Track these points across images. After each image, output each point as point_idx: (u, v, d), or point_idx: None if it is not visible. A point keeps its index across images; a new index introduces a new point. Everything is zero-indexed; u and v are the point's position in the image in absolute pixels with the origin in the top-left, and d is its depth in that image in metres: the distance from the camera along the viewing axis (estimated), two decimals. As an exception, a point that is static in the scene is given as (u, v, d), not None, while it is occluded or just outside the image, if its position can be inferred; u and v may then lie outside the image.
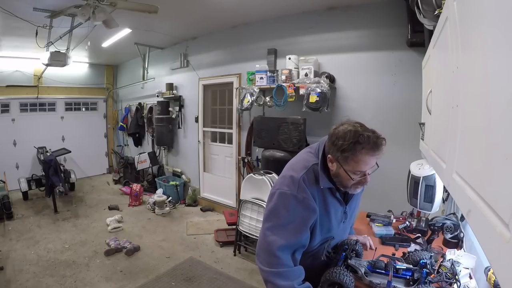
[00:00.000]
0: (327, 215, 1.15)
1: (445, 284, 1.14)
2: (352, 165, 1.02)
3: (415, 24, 2.38)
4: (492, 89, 0.51)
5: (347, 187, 1.10)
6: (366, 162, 1.02)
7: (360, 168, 1.03)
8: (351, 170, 1.03)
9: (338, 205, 1.18)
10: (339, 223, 1.23)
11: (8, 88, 5.50)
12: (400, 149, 2.81)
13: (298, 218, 1.07)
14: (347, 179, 1.06)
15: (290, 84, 3.13)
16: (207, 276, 2.80)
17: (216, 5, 3.25)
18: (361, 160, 1.01)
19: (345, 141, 1.01)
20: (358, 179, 1.05)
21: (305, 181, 1.07)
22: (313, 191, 1.07)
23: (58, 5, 2.97)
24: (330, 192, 1.13)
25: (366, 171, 1.04)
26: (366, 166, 1.03)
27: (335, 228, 1.22)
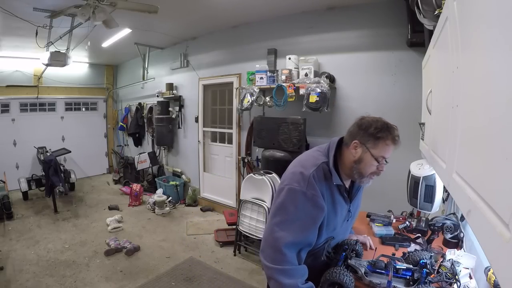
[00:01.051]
0: (334, 212, 1.16)
1: (445, 284, 1.14)
2: (380, 149, 1.09)
3: (415, 24, 2.38)
4: (492, 89, 0.51)
5: (363, 176, 1.12)
6: (390, 149, 1.11)
7: (385, 153, 1.10)
8: (378, 154, 1.09)
9: (343, 203, 1.20)
10: (343, 222, 1.24)
11: (8, 88, 5.50)
12: (400, 149, 2.78)
13: (306, 216, 1.07)
14: (370, 164, 1.10)
15: (290, 84, 3.13)
16: (207, 276, 2.80)
17: (216, 5, 3.25)
18: (388, 146, 1.09)
19: (378, 127, 1.09)
20: (379, 165, 1.11)
21: (315, 178, 1.08)
22: (322, 188, 1.09)
23: (58, 5, 2.97)
24: (338, 190, 1.15)
25: (386, 158, 1.11)
26: (388, 153, 1.11)
27: (339, 226, 1.23)
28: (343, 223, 1.25)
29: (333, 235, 1.24)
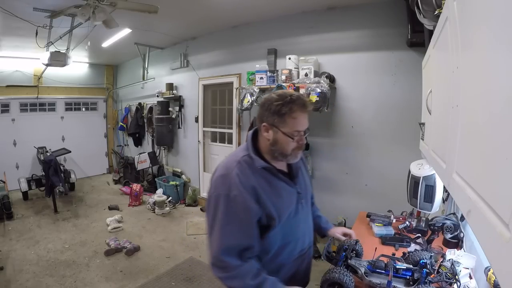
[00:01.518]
0: (280, 199, 1.08)
1: (445, 284, 1.14)
2: (290, 124, 1.04)
3: (415, 24, 2.38)
4: (492, 89, 0.51)
5: (287, 155, 1.07)
6: (302, 119, 1.05)
7: (297, 126, 1.04)
8: (290, 131, 1.04)
9: (287, 187, 1.12)
10: (297, 205, 1.15)
11: (8, 88, 5.50)
12: (400, 149, 2.81)
13: (235, 219, 1.01)
14: (286, 142, 1.05)
15: (290, 84, 3.12)
16: (207, 276, 2.80)
17: (216, 5, 3.25)
18: (298, 117, 1.04)
19: (280, 102, 1.03)
20: (296, 140, 1.06)
21: (239, 175, 1.02)
22: (251, 181, 1.03)
23: (58, 5, 2.97)
24: (273, 174, 1.08)
25: (302, 131, 1.06)
26: (302, 125, 1.06)
27: (295, 209, 1.14)
28: (299, 207, 1.16)
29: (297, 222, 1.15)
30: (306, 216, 1.23)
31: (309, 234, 1.26)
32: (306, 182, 1.26)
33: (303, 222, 1.21)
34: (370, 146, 3.06)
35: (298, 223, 1.17)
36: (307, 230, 1.25)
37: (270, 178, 1.08)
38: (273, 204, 1.05)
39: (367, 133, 3.06)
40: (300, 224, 1.19)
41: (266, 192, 1.04)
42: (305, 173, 1.29)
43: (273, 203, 1.05)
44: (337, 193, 3.24)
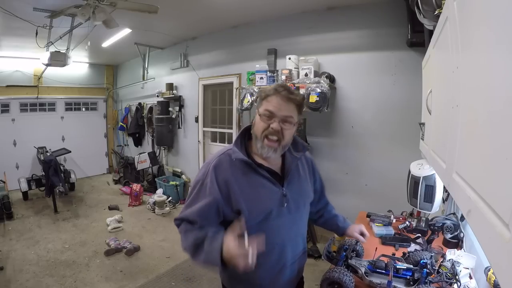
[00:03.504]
0: (255, 192, 1.06)
1: (445, 284, 1.14)
2: (264, 105, 1.06)
3: (415, 24, 2.38)
4: (492, 89, 0.51)
5: (258, 139, 1.07)
6: (276, 103, 1.04)
7: (268, 106, 1.04)
8: (261, 110, 1.06)
9: (269, 185, 1.08)
10: (279, 207, 1.08)
11: (8, 88, 5.50)
12: (400, 149, 2.81)
13: (200, 198, 1.05)
14: (258, 122, 1.07)
15: (290, 84, 3.12)
16: (207, 276, 2.80)
17: (216, 5, 3.25)
18: (272, 100, 1.05)
19: (266, 89, 1.09)
20: (265, 120, 1.04)
21: (215, 168, 1.06)
22: (225, 173, 1.05)
23: (58, 5, 2.97)
24: (251, 169, 1.07)
25: (274, 112, 1.03)
26: (273, 107, 1.04)
27: (276, 211, 1.08)
28: (281, 209, 1.09)
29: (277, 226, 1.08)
30: (291, 223, 1.12)
31: (292, 246, 1.14)
32: (302, 188, 1.18)
33: (286, 229, 1.11)
34: (370, 146, 3.06)
35: (279, 228, 1.09)
36: (291, 241, 1.14)
37: (247, 172, 1.06)
38: (246, 197, 1.04)
39: (367, 133, 3.06)
40: (282, 230, 1.10)
41: (239, 185, 1.04)
42: (307, 180, 1.22)
43: (245, 196, 1.04)
44: (337, 193, 3.24)
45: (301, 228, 1.20)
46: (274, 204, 1.08)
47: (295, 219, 1.15)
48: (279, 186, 1.10)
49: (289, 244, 1.13)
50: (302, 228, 1.21)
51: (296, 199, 1.13)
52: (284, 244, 1.12)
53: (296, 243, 1.18)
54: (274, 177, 1.10)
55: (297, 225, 1.16)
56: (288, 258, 1.13)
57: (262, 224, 1.05)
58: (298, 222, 1.17)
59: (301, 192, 1.17)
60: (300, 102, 1.09)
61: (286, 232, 1.11)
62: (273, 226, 1.08)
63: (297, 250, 1.19)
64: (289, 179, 1.13)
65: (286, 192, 1.10)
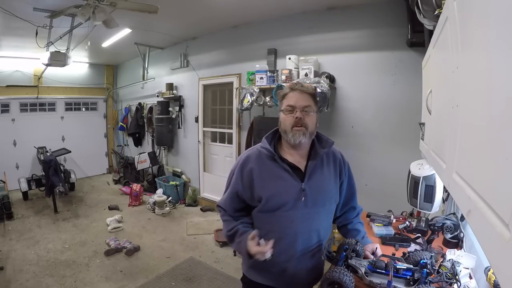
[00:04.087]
0: (274, 182, 1.18)
1: (445, 284, 1.14)
2: (284, 103, 1.21)
3: (415, 24, 2.38)
4: (492, 89, 0.51)
5: (287, 133, 1.18)
6: (293, 97, 1.19)
7: (288, 102, 1.19)
8: (283, 108, 1.20)
9: (289, 178, 1.18)
10: (296, 200, 1.17)
11: (8, 88, 5.50)
12: (400, 149, 2.81)
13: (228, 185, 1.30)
14: (283, 119, 1.19)
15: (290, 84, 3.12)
16: (207, 276, 2.80)
17: (216, 5, 3.25)
18: (289, 95, 1.20)
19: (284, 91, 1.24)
20: (290, 116, 1.17)
21: (245, 161, 1.24)
22: (252, 164, 1.22)
23: (58, 5, 2.97)
24: (274, 162, 1.20)
25: (295, 105, 1.17)
26: (293, 101, 1.18)
27: (291, 203, 1.17)
28: (297, 203, 1.17)
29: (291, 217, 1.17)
30: (306, 217, 1.19)
31: (304, 239, 1.21)
32: (323, 186, 1.23)
33: (300, 222, 1.18)
34: (370, 146, 3.06)
35: (292, 219, 1.18)
36: (303, 234, 1.20)
37: (271, 164, 1.20)
38: (265, 187, 1.18)
39: (367, 133, 3.06)
40: (295, 222, 1.17)
41: (261, 174, 1.19)
42: (331, 179, 1.26)
43: (264, 184, 1.18)
44: (337, 193, 3.24)
45: (317, 225, 1.24)
46: (291, 197, 1.17)
47: (311, 214, 1.20)
48: (298, 181, 1.18)
49: (301, 236, 1.20)
50: (318, 225, 1.24)
51: (315, 195, 1.19)
52: (296, 236, 1.19)
53: (309, 237, 1.22)
54: (296, 172, 1.19)
55: (312, 220, 1.21)
56: (297, 249, 1.20)
57: (277, 213, 1.18)
58: (314, 218, 1.22)
59: (321, 189, 1.22)
60: (313, 92, 1.23)
61: (299, 224, 1.18)
62: (287, 216, 1.17)
63: (309, 244, 1.23)
64: (310, 175, 1.20)
65: (305, 187, 1.17)
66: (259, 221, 1.23)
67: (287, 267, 1.22)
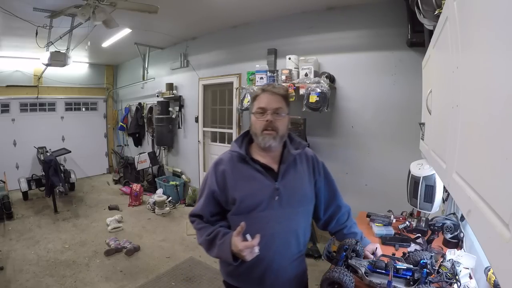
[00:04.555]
0: (247, 183, 1.17)
1: (445, 284, 1.14)
2: (255, 105, 1.19)
3: (415, 24, 2.38)
4: (492, 89, 0.51)
5: (258, 135, 1.17)
6: (264, 99, 1.17)
7: (259, 104, 1.17)
8: (254, 110, 1.19)
9: (262, 178, 1.17)
10: (270, 199, 1.15)
11: (8, 88, 5.50)
12: (400, 149, 2.81)
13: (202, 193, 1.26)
14: (254, 122, 1.19)
15: (290, 84, 3.12)
16: (207, 276, 2.80)
17: (216, 5, 3.25)
18: (260, 97, 1.19)
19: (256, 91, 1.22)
20: (261, 119, 1.16)
21: (217, 163, 1.23)
22: (225, 166, 1.21)
23: (58, 5, 2.97)
24: (246, 163, 1.19)
25: (266, 107, 1.15)
26: (263, 103, 1.16)
27: (266, 203, 1.14)
28: (274, 204, 1.15)
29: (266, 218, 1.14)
30: (282, 217, 1.16)
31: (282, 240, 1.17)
32: (297, 185, 1.20)
33: (276, 222, 1.15)
34: (370, 146, 3.06)
35: (268, 220, 1.14)
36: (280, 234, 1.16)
37: (242, 166, 1.19)
38: (238, 188, 1.17)
39: (367, 133, 3.06)
40: (270, 222, 1.15)
41: (234, 176, 1.18)
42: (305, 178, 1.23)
43: (237, 185, 1.17)
44: (337, 193, 3.24)
45: (294, 225, 1.20)
46: (265, 196, 1.15)
47: (287, 215, 1.18)
48: (271, 180, 1.17)
49: (278, 237, 1.17)
50: (296, 226, 1.21)
51: (289, 194, 1.18)
52: (273, 237, 1.16)
53: (286, 238, 1.19)
54: (269, 172, 1.18)
55: (289, 220, 1.18)
56: (276, 251, 1.16)
57: (252, 214, 1.15)
58: (291, 218, 1.19)
59: (295, 189, 1.20)
60: (285, 94, 1.21)
61: (275, 225, 1.16)
62: (262, 217, 1.15)
63: (288, 246, 1.20)
64: (283, 175, 1.19)
65: (279, 186, 1.16)
66: (235, 224, 1.14)
67: (267, 271, 1.17)
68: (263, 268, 1.17)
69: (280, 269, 1.19)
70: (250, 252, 1.04)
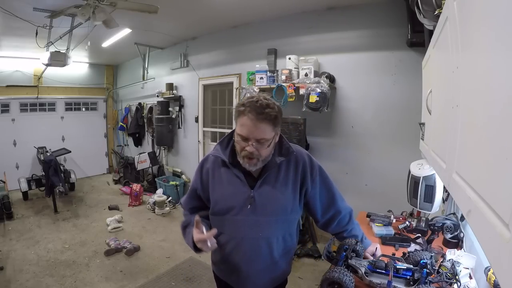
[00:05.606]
0: (223, 186, 1.18)
1: (445, 284, 1.14)
2: (237, 128, 1.08)
3: (415, 24, 2.38)
4: (492, 89, 0.51)
5: (240, 158, 1.12)
6: (246, 125, 1.04)
7: (241, 130, 1.06)
8: (237, 132, 1.08)
9: (238, 183, 1.15)
10: (242, 207, 1.14)
11: (8, 88, 5.50)
12: (400, 149, 2.81)
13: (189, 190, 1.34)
14: (236, 142, 1.11)
15: (290, 84, 3.13)
16: (207, 276, 2.80)
17: (216, 5, 3.25)
18: (242, 122, 1.05)
19: (240, 103, 1.08)
20: (241, 143, 1.07)
21: (204, 160, 1.26)
22: (209, 165, 1.22)
23: (58, 5, 2.97)
24: (226, 166, 1.18)
25: (247, 137, 1.05)
26: (245, 130, 1.04)
27: (238, 208, 1.15)
28: (246, 210, 1.14)
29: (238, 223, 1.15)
30: (253, 224, 1.14)
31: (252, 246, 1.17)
32: (277, 196, 1.15)
33: (246, 228, 1.15)
34: (370, 146, 3.06)
35: (240, 225, 1.16)
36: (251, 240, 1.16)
37: (224, 169, 1.19)
38: (215, 190, 1.20)
39: (367, 133, 3.06)
40: (241, 227, 1.16)
41: (214, 178, 1.20)
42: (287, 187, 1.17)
43: (215, 187, 1.20)
44: (337, 193, 3.24)
45: (267, 233, 1.17)
46: (238, 203, 1.16)
47: (260, 222, 1.16)
48: (248, 188, 1.15)
49: (248, 242, 1.18)
50: (269, 234, 1.17)
51: (264, 203, 1.15)
52: (242, 241, 1.18)
53: (257, 244, 1.17)
54: (248, 178, 1.16)
55: (261, 228, 1.16)
56: (246, 255, 1.18)
57: (226, 216, 1.18)
58: (264, 226, 1.16)
59: (272, 198, 1.15)
60: (273, 117, 1.04)
61: (246, 230, 1.17)
62: (235, 221, 1.17)
63: (259, 251, 1.18)
64: (262, 183, 1.15)
65: (254, 195, 1.14)
66: (212, 223, 1.24)
67: (237, 272, 1.21)
68: (233, 268, 1.22)
69: (250, 272, 1.20)
70: (204, 244, 1.08)
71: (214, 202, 1.20)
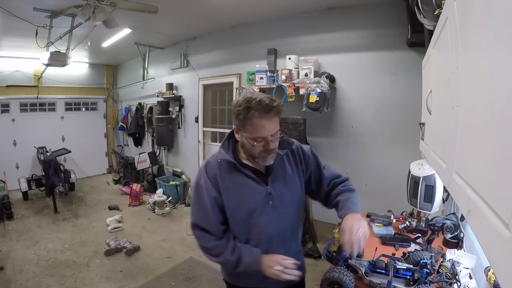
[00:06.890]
0: (239, 191, 1.13)
1: (445, 284, 1.14)
2: (250, 131, 1.05)
3: (415, 24, 2.38)
4: (492, 89, 0.51)
5: (255, 157, 1.10)
6: (263, 126, 1.04)
7: (258, 133, 1.04)
8: (251, 137, 1.06)
9: (254, 184, 1.13)
10: (264, 205, 1.14)
11: (8, 88, 5.49)
12: (400, 149, 2.81)
13: (198, 202, 1.15)
14: (250, 147, 1.08)
15: (290, 84, 3.13)
16: (207, 276, 2.80)
17: (216, 5, 3.25)
18: (257, 125, 1.04)
19: (239, 107, 1.05)
20: (260, 146, 1.06)
21: (206, 167, 1.16)
22: (215, 171, 1.14)
23: (58, 5, 2.97)
24: (236, 169, 1.13)
25: (267, 136, 1.05)
26: (264, 131, 1.05)
27: (260, 209, 1.14)
28: (266, 207, 1.14)
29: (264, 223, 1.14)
30: (277, 219, 1.16)
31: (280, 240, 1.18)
32: (288, 184, 1.18)
33: (272, 225, 1.15)
34: (370, 146, 3.06)
35: (264, 225, 1.15)
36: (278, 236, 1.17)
37: (232, 172, 1.13)
38: (229, 194, 1.12)
39: (367, 133, 3.06)
40: (267, 227, 1.15)
41: (225, 184, 1.12)
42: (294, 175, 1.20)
43: (229, 193, 1.12)
44: (337, 193, 3.24)
45: (288, 224, 1.21)
46: (259, 203, 1.13)
47: (281, 215, 1.17)
48: (263, 185, 1.14)
49: (276, 239, 1.18)
50: (291, 221, 1.21)
51: (281, 196, 1.17)
52: (271, 239, 1.17)
53: (283, 237, 1.20)
54: (259, 176, 1.15)
55: (284, 220, 1.19)
56: (276, 251, 1.17)
57: (248, 221, 1.14)
58: (286, 217, 1.19)
59: (286, 189, 1.19)
60: (280, 109, 1.08)
61: (271, 228, 1.16)
62: (258, 222, 1.14)
63: (287, 245, 1.21)
64: (274, 177, 1.16)
65: (271, 190, 1.14)
66: (234, 232, 1.17)
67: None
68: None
69: None
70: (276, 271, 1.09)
71: (233, 209, 1.13)
